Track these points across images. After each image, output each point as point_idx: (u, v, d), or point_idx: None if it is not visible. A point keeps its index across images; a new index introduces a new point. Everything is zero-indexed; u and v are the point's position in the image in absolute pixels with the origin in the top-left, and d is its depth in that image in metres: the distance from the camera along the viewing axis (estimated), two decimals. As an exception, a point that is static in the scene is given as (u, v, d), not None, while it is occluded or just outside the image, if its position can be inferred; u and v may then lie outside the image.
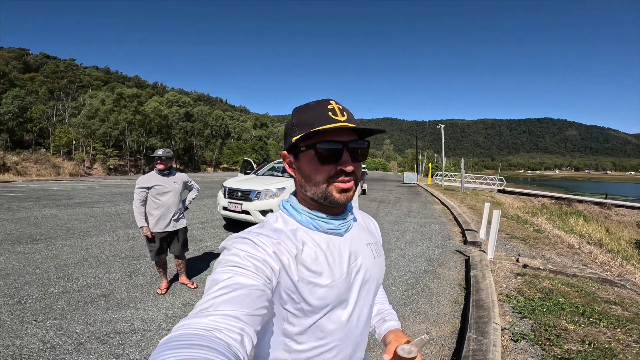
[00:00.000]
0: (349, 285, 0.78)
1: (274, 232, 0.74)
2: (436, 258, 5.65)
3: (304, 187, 0.77)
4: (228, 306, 0.55)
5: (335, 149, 0.72)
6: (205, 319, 0.53)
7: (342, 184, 0.74)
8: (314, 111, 0.75)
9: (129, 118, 38.53)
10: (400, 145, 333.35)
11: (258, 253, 0.66)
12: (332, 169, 0.73)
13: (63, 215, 8.79)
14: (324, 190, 0.74)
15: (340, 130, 0.73)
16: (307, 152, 0.75)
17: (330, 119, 0.73)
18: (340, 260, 0.77)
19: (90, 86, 55.87)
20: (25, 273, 4.30)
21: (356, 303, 0.80)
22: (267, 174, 8.53)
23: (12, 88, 38.81)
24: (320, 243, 0.76)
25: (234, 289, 0.58)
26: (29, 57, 74.89)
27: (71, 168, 36.06)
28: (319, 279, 0.72)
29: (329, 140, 0.73)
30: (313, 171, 0.74)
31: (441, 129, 28.85)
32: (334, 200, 0.75)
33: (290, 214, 0.80)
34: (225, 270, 0.61)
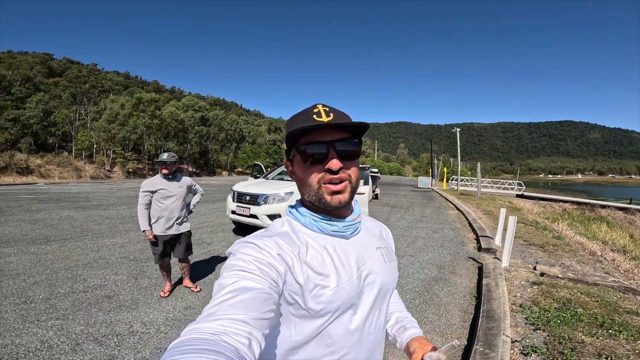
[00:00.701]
0: (359, 289, 0.76)
1: (279, 235, 0.74)
2: (447, 265, 5.46)
3: (301, 191, 0.79)
4: (235, 310, 0.56)
5: (319, 149, 0.73)
6: (212, 324, 0.53)
7: (332, 186, 0.73)
8: (300, 117, 0.76)
9: (147, 122, 39.50)
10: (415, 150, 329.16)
11: (263, 256, 0.66)
12: (320, 169, 0.74)
13: (79, 217, 9.01)
14: (316, 192, 0.75)
15: (325, 131, 0.73)
16: (297, 156, 0.76)
17: (313, 120, 0.73)
18: (348, 262, 0.76)
19: (111, 91, 57.74)
20: (35, 273, 4.39)
21: (369, 309, 0.78)
22: (277, 178, 8.53)
23: (37, 92, 40.44)
24: (325, 245, 0.76)
25: (240, 293, 0.58)
26: (53, 62, 77.93)
27: (92, 171, 37.15)
28: (325, 281, 0.71)
29: (313, 141, 0.73)
30: (303, 174, 0.76)
31: (457, 133, 28.35)
32: (326, 203, 0.74)
33: (295, 217, 0.81)
34: (232, 275, 0.62)
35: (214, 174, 52.99)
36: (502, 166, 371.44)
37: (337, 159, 0.73)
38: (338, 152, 0.73)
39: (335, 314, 0.72)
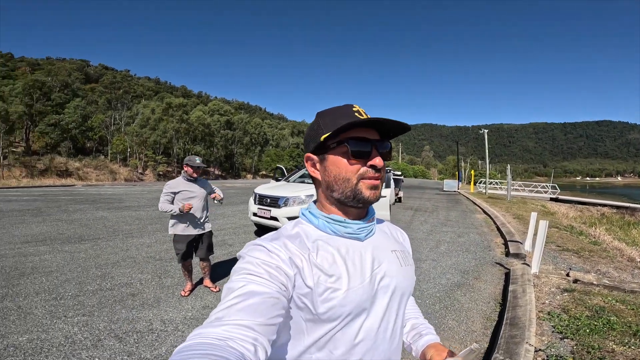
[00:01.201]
0: (373, 293, 0.74)
1: (290, 238, 0.73)
2: (472, 270, 5.27)
3: (331, 187, 0.76)
4: (242, 315, 0.55)
5: (365, 146, 0.74)
6: (218, 329, 0.53)
7: (373, 181, 0.74)
8: (340, 112, 0.76)
9: (175, 126, 40.99)
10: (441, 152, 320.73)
11: (272, 260, 0.66)
12: (363, 164, 0.74)
13: (112, 218, 9.46)
14: (354, 187, 0.74)
15: (367, 129, 0.75)
16: (338, 149, 0.75)
17: (358, 117, 0.74)
18: (362, 265, 0.74)
19: (143, 96, 60.35)
20: (68, 271, 4.63)
21: (384, 313, 0.76)
22: (298, 180, 8.57)
23: (75, 98, 42.95)
24: (339, 247, 0.74)
25: (248, 297, 0.58)
26: (89, 69, 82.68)
27: (126, 174, 38.93)
28: (337, 284, 0.70)
29: (360, 137, 0.74)
30: (344, 168, 0.74)
31: (484, 134, 27.40)
32: (363, 198, 0.74)
33: (308, 219, 0.80)
34: (240, 279, 0.62)
35: (239, 177, 54.11)
36: (535, 168, 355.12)
37: (379, 157, 0.75)
38: (379, 151, 0.76)
39: (347, 317, 0.70)
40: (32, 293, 3.78)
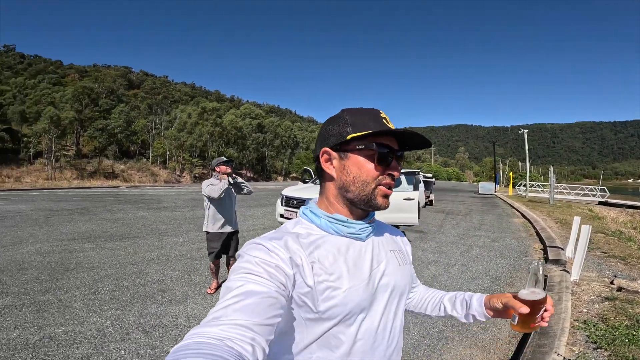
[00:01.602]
0: (372, 292, 0.75)
1: (290, 236, 0.72)
2: (504, 276, 5.02)
3: (346, 187, 0.76)
4: (239, 315, 0.55)
5: (390, 153, 0.76)
6: (216, 328, 0.52)
7: (388, 190, 0.76)
8: (369, 115, 0.77)
9: (210, 130, 42.58)
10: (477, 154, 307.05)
11: (271, 259, 0.65)
12: (383, 171, 0.75)
13: (150, 217, 10.00)
14: (370, 192, 0.75)
15: (389, 138, 0.77)
16: (363, 151, 0.75)
17: (386, 125, 0.76)
18: (362, 264, 0.75)
19: (180, 101, 63.32)
20: (107, 267, 4.96)
21: (383, 312, 0.77)
22: (325, 182, 8.63)
23: (120, 104, 45.88)
24: (339, 246, 0.75)
25: (246, 297, 0.57)
26: (132, 75, 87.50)
27: (166, 176, 40.97)
28: (338, 282, 0.70)
29: (386, 144, 0.75)
30: (365, 171, 0.75)
31: (524, 134, 25.99)
32: (375, 204, 0.76)
33: (309, 219, 0.79)
34: (238, 278, 0.61)
35: (270, 179, 55.14)
36: (583, 170, 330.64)
37: (398, 167, 0.78)
38: (398, 161, 0.78)
39: (348, 316, 0.71)
40: (74, 287, 4.09)
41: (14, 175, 30.85)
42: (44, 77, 58.52)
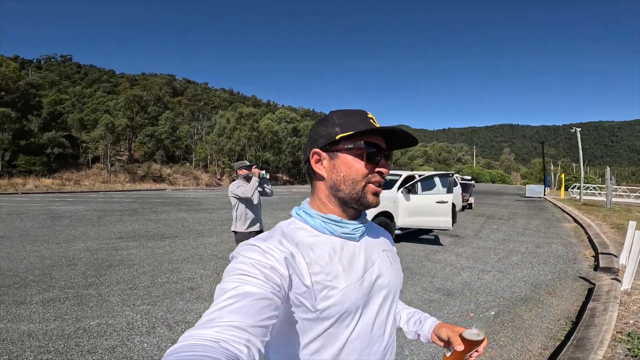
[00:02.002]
0: (368, 291, 0.76)
1: (285, 237, 0.73)
2: (546, 284, 4.66)
3: (337, 186, 0.77)
4: (234, 317, 0.55)
5: (378, 151, 0.77)
6: (211, 330, 0.52)
7: (378, 187, 0.77)
8: (357, 116, 0.78)
9: (247, 134, 43.98)
10: (525, 155, 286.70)
11: (266, 260, 0.65)
12: (372, 169, 0.77)
13: (189, 219, 10.52)
14: (360, 190, 0.76)
15: (377, 137, 0.78)
16: (352, 151, 0.76)
17: (373, 125, 0.77)
18: (356, 263, 0.76)
19: (220, 107, 65.95)
20: (146, 264, 5.28)
21: (378, 310, 0.78)
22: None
23: (166, 111, 48.78)
24: (334, 246, 0.75)
25: (242, 298, 0.57)
26: (176, 82, 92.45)
27: (207, 179, 42.97)
28: (334, 282, 0.70)
29: (374, 142, 0.76)
30: (354, 169, 0.76)
31: (576, 133, 24.02)
32: (366, 202, 0.76)
33: (303, 219, 0.79)
34: (233, 279, 0.61)
35: (305, 183, 55.77)
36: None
37: (387, 165, 0.79)
38: (386, 159, 0.79)
39: (344, 316, 0.71)
40: (114, 282, 4.40)
41: (74, 179, 33.94)
42: (99, 86, 63.75)
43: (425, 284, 4.57)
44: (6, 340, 2.85)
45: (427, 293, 4.24)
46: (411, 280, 4.72)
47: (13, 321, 3.23)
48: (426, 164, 77.71)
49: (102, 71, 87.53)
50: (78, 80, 69.91)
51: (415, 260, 5.86)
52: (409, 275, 4.95)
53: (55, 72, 68.32)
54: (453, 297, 4.11)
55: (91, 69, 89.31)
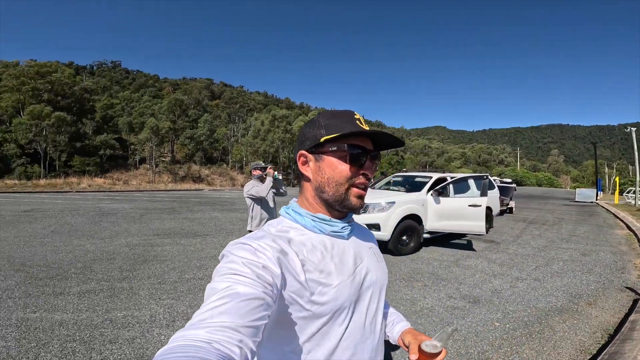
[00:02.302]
0: (359, 287, 0.78)
1: (277, 236, 0.73)
2: (587, 294, 4.30)
3: (321, 188, 0.78)
4: (226, 317, 0.54)
5: (363, 153, 0.77)
6: (202, 331, 0.52)
7: (361, 190, 0.78)
8: (342, 118, 0.78)
9: (280, 136, 44.77)
10: (576, 156, 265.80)
11: (258, 259, 0.65)
12: (357, 172, 0.77)
13: (222, 218, 10.91)
14: (343, 193, 0.77)
15: (363, 139, 0.78)
16: (337, 153, 0.77)
17: (359, 126, 0.76)
18: (347, 261, 0.78)
19: (255, 109, 67.74)
20: (177, 260, 5.54)
21: (368, 307, 0.80)
22: (383, 187, 8.45)
23: (205, 114, 50.95)
24: (325, 245, 0.77)
25: (233, 298, 0.57)
26: (213, 86, 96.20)
27: (242, 180, 44.31)
28: (328, 279, 0.72)
29: (358, 145, 0.76)
30: (338, 171, 0.76)
31: (632, 133, 21.92)
32: (349, 205, 0.77)
33: (293, 218, 0.80)
34: (224, 279, 0.61)
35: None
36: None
37: (372, 167, 0.79)
38: (372, 161, 0.79)
39: (339, 312, 0.72)
40: (145, 277, 4.65)
41: (123, 179, 36.44)
42: (145, 91, 67.92)
43: (450, 291, 4.39)
44: (38, 329, 3.09)
45: (451, 300, 4.06)
46: (435, 286, 4.56)
47: (49, 311, 3.50)
48: (464, 166, 74.49)
49: (148, 76, 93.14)
50: (127, 85, 74.87)
51: (442, 266, 5.65)
52: (434, 281, 4.78)
53: (107, 78, 73.72)
54: (479, 305, 3.91)
55: (138, 74, 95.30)
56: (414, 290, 4.37)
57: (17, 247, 6.33)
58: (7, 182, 28.43)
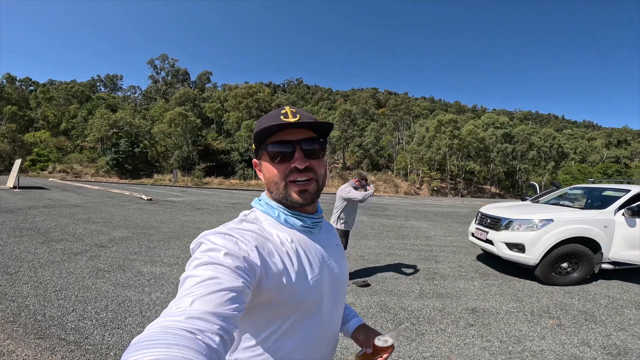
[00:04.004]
0: (327, 281, 0.80)
1: (253, 228, 0.74)
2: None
3: (269, 189, 0.81)
4: (205, 305, 0.53)
5: (286, 148, 0.76)
6: (180, 318, 0.51)
7: (299, 185, 0.77)
8: (267, 117, 0.79)
9: (447, 143, 41.79)
10: None
11: (238, 250, 0.65)
12: (287, 167, 0.77)
13: (367, 222, 11.33)
14: (283, 190, 0.78)
15: (293, 130, 0.77)
16: (264, 154, 0.79)
17: (280, 120, 0.75)
18: (317, 257, 0.79)
19: (421, 115, 65.73)
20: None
21: (334, 300, 0.83)
22: (552, 202, 6.72)
23: (371, 122, 53.29)
24: (298, 240, 0.78)
25: (211, 287, 0.56)
26: (379, 94, 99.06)
27: (406, 187, 43.99)
28: (300, 274, 0.73)
29: (280, 140, 0.76)
30: (270, 172, 0.78)
31: None
32: (293, 200, 0.77)
33: (265, 211, 0.81)
34: (203, 267, 0.60)
35: (514, 197, 47.15)
36: None
37: (303, 157, 0.76)
38: (304, 150, 0.77)
39: (307, 306, 0.75)
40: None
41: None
42: (322, 104, 77.04)
43: (593, 336, 3.20)
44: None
45: (583, 348, 2.99)
46: (574, 329, 3.36)
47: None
48: None
49: (323, 90, 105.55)
50: (308, 99, 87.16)
51: (611, 306, 4.10)
52: (578, 322, 3.53)
53: (294, 94, 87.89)
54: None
55: (316, 88, 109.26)
56: (536, 328, 3.43)
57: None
58: (232, 181, 38.50)
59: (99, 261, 5.12)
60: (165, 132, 42.05)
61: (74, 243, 6.18)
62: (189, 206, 13.69)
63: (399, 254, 6.52)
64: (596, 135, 70.26)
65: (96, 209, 11.16)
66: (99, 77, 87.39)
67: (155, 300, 3.77)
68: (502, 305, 4.02)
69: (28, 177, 32.61)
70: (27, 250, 5.56)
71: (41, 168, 39.13)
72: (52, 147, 44.89)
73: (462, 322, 3.46)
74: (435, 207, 19.45)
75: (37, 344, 2.76)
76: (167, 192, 22.40)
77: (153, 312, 3.45)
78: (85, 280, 4.29)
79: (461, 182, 45.49)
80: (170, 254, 5.78)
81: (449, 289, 4.57)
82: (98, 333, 2.97)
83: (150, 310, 3.49)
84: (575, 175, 44.04)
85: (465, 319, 3.56)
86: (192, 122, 42.75)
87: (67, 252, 5.56)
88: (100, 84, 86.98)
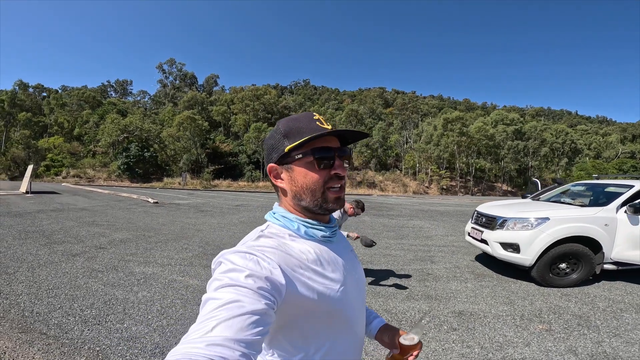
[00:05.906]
0: (350, 288, 0.80)
1: (274, 242, 0.73)
2: None
3: (298, 196, 0.78)
4: (227, 331, 0.52)
5: (330, 154, 0.77)
6: (201, 345, 0.50)
7: (337, 193, 0.78)
8: (301, 121, 0.78)
9: (455, 140, 41.23)
10: None
11: (261, 269, 0.63)
12: (327, 174, 0.77)
13: (368, 221, 11.26)
14: (320, 197, 0.77)
15: (330, 138, 0.79)
16: (303, 160, 0.76)
17: (321, 127, 0.77)
18: (339, 265, 0.80)
19: (429, 114, 64.97)
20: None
21: (357, 306, 0.84)
22: (553, 199, 6.54)
23: (379, 122, 52.97)
24: (321, 251, 0.77)
25: (233, 310, 0.55)
26: (386, 94, 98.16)
27: (414, 187, 43.63)
28: (330, 283, 0.74)
29: (324, 146, 0.76)
30: (309, 178, 0.76)
31: None
32: (329, 207, 0.78)
33: (284, 224, 0.79)
34: (224, 290, 0.58)
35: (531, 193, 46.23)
36: None
37: (343, 165, 0.79)
38: (341, 159, 0.79)
39: (337, 315, 0.75)
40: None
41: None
42: (329, 104, 76.90)
43: (584, 344, 3.10)
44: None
45: (570, 356, 2.89)
46: (564, 334, 3.28)
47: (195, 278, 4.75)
48: None
49: (330, 90, 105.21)
50: (315, 100, 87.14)
51: (610, 309, 3.98)
52: (570, 327, 3.44)
53: (301, 95, 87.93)
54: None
55: (322, 89, 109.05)
56: (523, 333, 3.30)
57: (213, 231, 8.67)
58: (240, 183, 38.77)
59: (95, 262, 5.23)
60: (175, 135, 42.63)
61: (74, 245, 6.33)
62: (193, 208, 13.85)
63: (394, 255, 6.46)
64: (610, 131, 68.30)
65: (102, 213, 11.39)
66: (109, 82, 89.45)
67: (140, 299, 3.84)
68: (491, 308, 3.91)
69: (42, 182, 33.50)
70: (28, 251, 5.72)
71: (55, 173, 40.12)
72: (65, 152, 45.99)
73: (445, 326, 3.34)
74: (442, 206, 19.23)
75: (19, 337, 2.87)
76: (175, 195, 22.74)
77: (136, 311, 3.52)
78: (78, 279, 4.41)
79: (471, 180, 44.84)
80: (165, 255, 5.86)
81: (440, 290, 4.49)
82: (78, 329, 3.07)
83: (133, 309, 3.56)
84: (590, 171, 43.02)
85: (449, 322, 3.45)
86: (200, 126, 43.24)
87: (66, 253, 5.69)
88: (110, 89, 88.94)
